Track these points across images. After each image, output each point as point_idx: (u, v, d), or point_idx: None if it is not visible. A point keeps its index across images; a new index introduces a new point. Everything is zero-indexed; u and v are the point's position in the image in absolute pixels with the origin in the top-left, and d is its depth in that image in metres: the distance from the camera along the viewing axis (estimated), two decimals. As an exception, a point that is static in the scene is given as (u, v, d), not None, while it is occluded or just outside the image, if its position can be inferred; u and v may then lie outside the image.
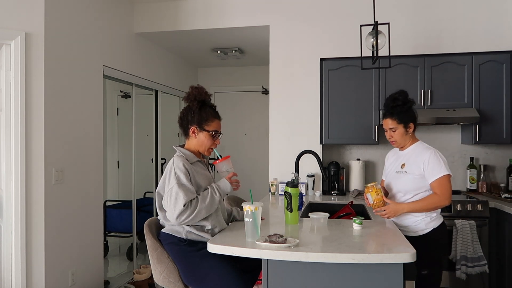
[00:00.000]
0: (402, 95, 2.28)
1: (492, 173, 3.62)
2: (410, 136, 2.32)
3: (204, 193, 1.95)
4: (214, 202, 1.95)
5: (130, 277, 3.78)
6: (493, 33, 3.33)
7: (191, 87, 2.08)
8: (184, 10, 3.81)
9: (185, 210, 1.86)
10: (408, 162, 2.30)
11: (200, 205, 1.89)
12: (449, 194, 2.19)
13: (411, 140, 2.34)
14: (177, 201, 1.87)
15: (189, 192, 1.91)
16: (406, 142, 2.33)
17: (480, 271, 2.87)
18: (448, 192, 2.18)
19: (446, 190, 2.18)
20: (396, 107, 2.28)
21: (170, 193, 1.89)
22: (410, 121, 2.28)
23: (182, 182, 1.90)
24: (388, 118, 2.31)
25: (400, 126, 2.28)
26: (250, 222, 1.81)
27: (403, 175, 2.30)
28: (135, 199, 4.09)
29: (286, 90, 3.65)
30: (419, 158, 2.25)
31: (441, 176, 2.18)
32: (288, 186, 2.21)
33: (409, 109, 2.29)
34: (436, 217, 2.27)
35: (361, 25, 2.91)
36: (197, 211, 1.88)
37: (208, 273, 1.89)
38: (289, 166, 3.59)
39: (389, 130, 2.32)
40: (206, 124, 2.06)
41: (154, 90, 4.43)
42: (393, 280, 1.62)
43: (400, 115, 2.27)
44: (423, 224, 2.24)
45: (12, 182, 2.69)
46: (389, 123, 2.31)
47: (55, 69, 2.84)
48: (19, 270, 2.68)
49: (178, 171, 1.92)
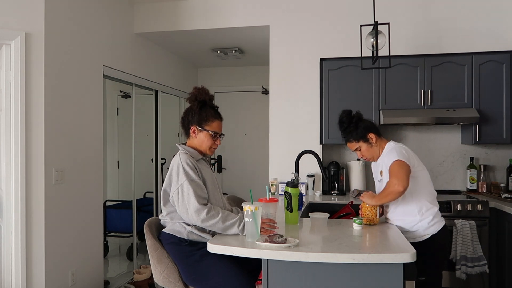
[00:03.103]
0: (345, 116, 2.33)
1: (492, 173, 3.62)
2: (377, 146, 2.30)
3: (229, 217, 1.91)
4: (230, 230, 1.91)
5: (130, 277, 3.78)
6: (493, 33, 3.33)
7: (194, 87, 2.09)
8: (184, 10, 3.81)
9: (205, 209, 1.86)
10: (384, 167, 2.25)
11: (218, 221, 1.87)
12: (400, 176, 2.04)
13: (381, 147, 2.30)
14: (189, 196, 1.87)
15: (200, 188, 1.92)
16: (377, 152, 2.31)
17: (480, 271, 2.87)
18: (398, 175, 2.04)
19: (396, 174, 2.06)
20: (345, 130, 2.32)
21: (182, 189, 1.90)
22: (366, 133, 2.28)
23: (192, 178, 1.91)
24: (347, 143, 2.35)
25: (361, 142, 2.29)
26: (250, 222, 1.81)
27: (383, 183, 2.23)
28: (135, 199, 4.09)
29: (286, 90, 3.65)
30: (387, 159, 2.21)
31: (391, 163, 2.11)
32: (288, 186, 2.21)
33: (357, 124, 2.30)
34: (434, 222, 2.18)
35: (361, 25, 2.91)
36: (211, 223, 1.87)
37: (209, 272, 1.90)
38: (289, 166, 3.59)
39: (356, 151, 2.34)
40: (206, 124, 2.06)
41: (154, 90, 4.43)
42: (393, 280, 1.62)
43: (353, 135, 2.30)
44: (421, 231, 2.17)
45: (12, 182, 2.68)
46: (351, 146, 2.35)
47: (55, 69, 2.84)
48: (19, 270, 2.68)
49: (186, 167, 1.93)
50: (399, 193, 2.04)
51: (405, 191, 2.04)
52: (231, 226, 1.89)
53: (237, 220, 1.90)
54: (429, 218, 2.17)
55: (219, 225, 1.88)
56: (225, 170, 5.74)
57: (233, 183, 5.66)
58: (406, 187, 2.03)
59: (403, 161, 2.10)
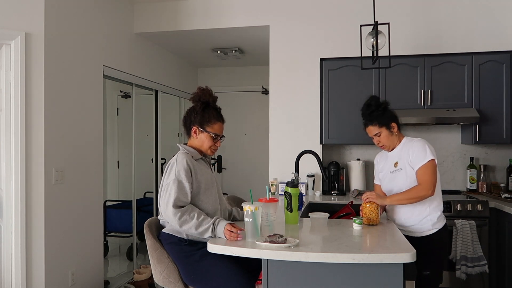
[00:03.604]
0: (374, 100, 2.33)
1: (492, 173, 3.62)
2: (396, 136, 2.33)
3: (204, 222, 1.90)
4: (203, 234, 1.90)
5: (130, 277, 3.78)
6: (493, 33, 3.33)
7: (199, 87, 2.09)
8: (184, 10, 3.81)
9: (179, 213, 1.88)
10: (400, 158, 2.28)
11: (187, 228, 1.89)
12: (432, 183, 2.11)
13: (398, 139, 2.34)
14: (170, 197, 1.90)
15: (182, 192, 1.92)
16: (394, 142, 2.33)
17: (480, 271, 2.87)
18: (431, 180, 2.11)
19: (429, 178, 2.11)
20: (372, 113, 2.31)
21: (167, 188, 1.94)
22: (391, 121, 2.30)
23: (179, 179, 1.92)
24: (370, 126, 2.33)
25: (383, 129, 2.30)
26: (250, 222, 1.81)
27: (398, 173, 2.28)
28: (135, 199, 4.09)
29: (286, 90, 3.65)
30: (406, 149, 2.25)
31: (425, 162, 2.14)
32: (288, 186, 2.21)
33: (385, 110, 2.31)
34: (441, 217, 2.24)
35: (361, 25, 2.91)
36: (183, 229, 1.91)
37: (209, 272, 1.90)
38: (289, 166, 3.59)
39: (375, 136, 2.34)
40: (207, 125, 2.07)
41: (154, 90, 4.43)
42: (393, 280, 1.62)
43: (379, 119, 2.29)
44: (429, 225, 2.21)
45: (12, 182, 2.68)
46: (371, 130, 2.33)
47: (55, 69, 2.84)
48: (19, 270, 2.68)
49: (180, 167, 1.94)
50: (425, 198, 2.11)
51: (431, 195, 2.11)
52: (205, 232, 1.89)
53: (211, 225, 1.89)
54: (438, 214, 2.23)
55: (192, 230, 1.90)
56: (225, 170, 5.74)
57: (233, 183, 5.66)
58: (433, 193, 2.09)
59: (435, 163, 2.15)
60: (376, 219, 2.14)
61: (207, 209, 2.01)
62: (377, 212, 2.15)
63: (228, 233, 1.83)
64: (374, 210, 2.14)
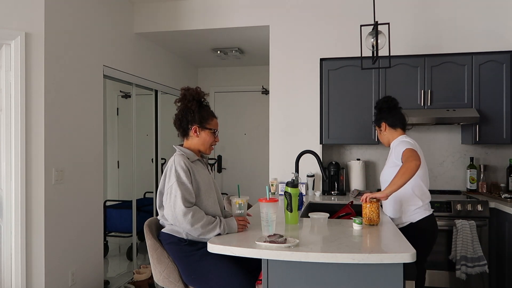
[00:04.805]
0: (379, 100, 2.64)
1: (492, 173, 3.62)
2: (388, 135, 2.54)
3: (211, 219, 1.93)
4: (212, 233, 1.92)
5: (130, 277, 3.78)
6: (493, 33, 3.33)
7: (183, 88, 2.10)
8: (184, 10, 3.81)
9: (191, 211, 1.88)
10: (389, 155, 2.50)
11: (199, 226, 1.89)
12: (414, 155, 2.19)
13: (392, 137, 2.53)
14: (176, 199, 1.89)
15: (188, 192, 1.92)
16: (387, 139, 2.56)
17: (480, 271, 2.87)
18: (411, 154, 2.20)
19: (410, 153, 2.22)
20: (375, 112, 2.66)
21: (170, 191, 1.92)
22: (381, 121, 2.56)
23: (182, 180, 1.92)
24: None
25: (377, 127, 2.63)
26: (241, 213, 2.09)
27: (385, 168, 2.51)
28: (135, 199, 4.09)
29: (286, 90, 3.65)
30: (393, 149, 2.45)
31: (403, 151, 2.28)
32: (288, 186, 2.21)
33: (380, 111, 2.58)
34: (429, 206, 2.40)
35: (361, 25, 2.91)
36: (194, 228, 1.89)
37: (209, 271, 1.90)
38: (289, 166, 3.59)
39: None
40: (207, 123, 2.09)
41: (154, 90, 4.43)
42: (393, 280, 1.62)
43: (375, 118, 2.63)
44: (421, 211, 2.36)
45: (12, 182, 2.69)
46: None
47: (55, 69, 2.84)
48: (19, 270, 2.68)
49: (179, 169, 1.94)
50: (416, 166, 2.16)
51: (420, 164, 2.16)
52: (209, 231, 1.91)
53: (219, 221, 1.94)
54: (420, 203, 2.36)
55: (197, 231, 1.90)
56: (225, 170, 5.74)
57: (233, 183, 5.66)
58: (420, 161, 2.18)
59: (413, 148, 2.29)
60: (376, 219, 2.14)
61: (208, 210, 2.01)
62: (378, 212, 2.15)
63: (242, 223, 2.01)
64: (374, 210, 2.14)
